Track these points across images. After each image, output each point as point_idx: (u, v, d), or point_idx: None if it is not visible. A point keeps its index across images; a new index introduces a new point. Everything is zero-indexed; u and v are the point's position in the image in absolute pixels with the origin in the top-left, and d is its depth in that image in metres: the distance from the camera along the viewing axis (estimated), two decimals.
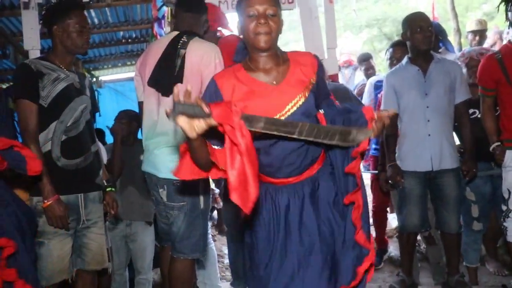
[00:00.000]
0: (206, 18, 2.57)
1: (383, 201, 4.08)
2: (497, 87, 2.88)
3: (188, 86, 1.39)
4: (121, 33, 6.60)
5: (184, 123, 1.37)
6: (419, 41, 2.93)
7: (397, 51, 3.62)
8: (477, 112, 3.15)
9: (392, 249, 4.12)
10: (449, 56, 4.18)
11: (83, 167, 2.37)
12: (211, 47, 2.40)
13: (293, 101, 1.70)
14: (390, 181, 3.16)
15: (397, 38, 16.76)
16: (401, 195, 3.11)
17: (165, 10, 3.85)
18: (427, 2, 16.38)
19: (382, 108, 3.19)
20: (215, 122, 1.38)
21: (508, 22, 2.91)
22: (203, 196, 2.43)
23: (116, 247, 3.57)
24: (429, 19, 3.05)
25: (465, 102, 3.02)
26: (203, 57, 2.33)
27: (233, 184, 1.38)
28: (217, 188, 3.53)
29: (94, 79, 7.81)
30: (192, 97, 1.37)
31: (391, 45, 3.79)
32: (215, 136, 1.53)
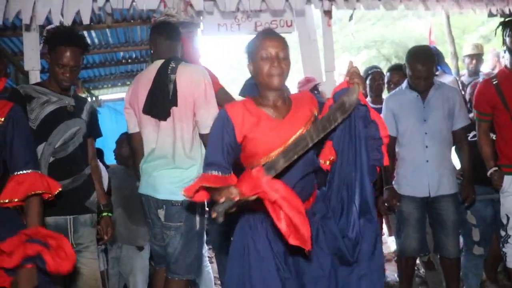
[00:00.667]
0: (182, 43, 2.67)
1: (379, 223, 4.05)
2: (494, 112, 2.90)
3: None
4: (121, 53, 6.67)
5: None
6: (416, 84, 2.96)
7: (394, 75, 3.64)
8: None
9: (389, 273, 4.08)
10: (446, 79, 4.21)
11: (70, 189, 2.36)
12: (199, 69, 2.51)
13: (296, 133, 1.80)
14: (387, 204, 3.15)
15: (395, 60, 16.89)
16: (399, 219, 3.09)
17: None
18: (424, 24, 16.60)
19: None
20: (250, 197, 1.55)
21: (505, 46, 2.93)
22: (199, 218, 2.46)
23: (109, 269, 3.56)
24: (430, 59, 2.97)
25: (464, 128, 3.03)
26: (193, 79, 2.42)
27: (286, 232, 1.54)
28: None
29: (93, 98, 7.87)
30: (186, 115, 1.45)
31: (388, 69, 3.80)
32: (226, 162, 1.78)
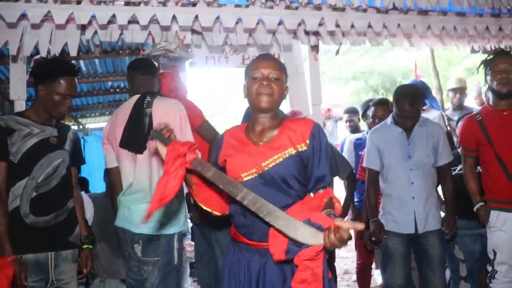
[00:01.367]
0: (158, 78, 2.75)
1: (367, 258, 4.02)
2: (478, 147, 2.93)
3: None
4: (110, 83, 6.68)
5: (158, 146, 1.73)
6: (402, 123, 3.00)
7: (379, 110, 3.68)
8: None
9: None
10: (433, 113, 4.27)
11: (53, 224, 2.32)
12: (174, 102, 2.55)
13: (267, 161, 1.78)
14: (373, 238, 3.14)
15: (382, 91, 17.14)
16: (384, 255, 3.07)
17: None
18: (410, 56, 16.94)
19: (364, 164, 3.21)
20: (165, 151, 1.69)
21: (487, 84, 2.99)
22: (177, 252, 2.44)
23: None
24: (418, 99, 3.02)
25: (448, 164, 3.06)
26: (168, 112, 2.44)
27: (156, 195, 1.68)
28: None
29: (81, 127, 7.83)
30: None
31: (373, 104, 3.84)
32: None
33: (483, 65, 2.99)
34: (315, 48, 4.06)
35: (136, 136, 2.45)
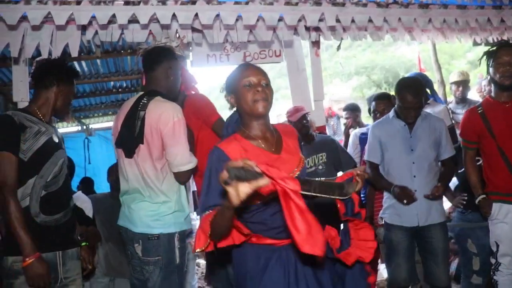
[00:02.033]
0: (166, 66, 2.56)
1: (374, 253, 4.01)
2: (480, 140, 2.93)
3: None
4: (112, 83, 6.70)
5: (233, 190, 1.38)
6: (405, 115, 3.00)
7: (380, 104, 3.67)
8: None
9: None
10: (438, 108, 4.25)
11: (62, 223, 2.33)
12: (170, 106, 2.40)
13: (296, 168, 1.85)
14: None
15: (385, 86, 17.10)
16: (388, 249, 3.08)
17: None
18: (412, 50, 16.87)
19: (366, 157, 3.22)
20: (266, 181, 1.39)
21: (489, 76, 2.98)
22: (179, 251, 2.41)
23: None
24: (420, 90, 3.01)
25: (451, 158, 3.06)
26: (161, 117, 2.34)
27: (301, 241, 1.40)
28: None
29: (84, 127, 7.87)
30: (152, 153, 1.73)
31: (374, 98, 3.83)
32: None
33: (485, 57, 2.98)
34: (316, 44, 4.06)
35: (128, 139, 2.43)
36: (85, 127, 8.08)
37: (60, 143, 2.42)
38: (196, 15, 3.08)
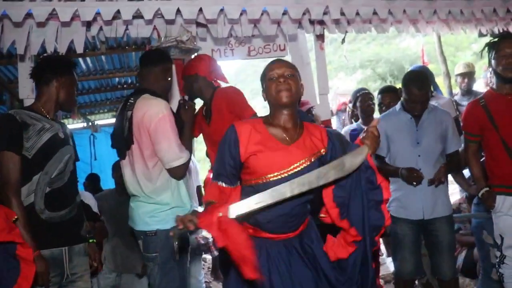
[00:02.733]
0: (167, 67, 2.60)
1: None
2: (482, 132, 2.92)
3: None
4: (117, 79, 6.71)
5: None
6: (412, 108, 2.99)
7: (386, 97, 3.66)
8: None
9: None
10: (442, 100, 4.24)
11: (68, 219, 2.33)
12: (155, 102, 2.40)
13: (298, 162, 1.88)
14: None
15: (390, 79, 16.99)
16: (394, 242, 3.08)
17: None
18: (418, 42, 16.78)
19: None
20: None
21: (491, 68, 2.96)
22: (178, 247, 2.39)
23: None
24: (427, 83, 3.00)
25: (457, 151, 3.05)
26: (145, 114, 2.35)
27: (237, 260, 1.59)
28: (211, 237, 3.50)
29: (90, 123, 7.89)
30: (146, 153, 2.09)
31: (380, 91, 3.83)
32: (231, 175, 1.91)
33: (487, 48, 2.95)
34: (320, 37, 4.05)
35: (119, 141, 2.48)
36: (90, 123, 8.10)
37: (67, 139, 2.42)
38: (201, 9, 3.08)
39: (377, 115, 3.89)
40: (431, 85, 3.15)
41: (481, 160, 3.02)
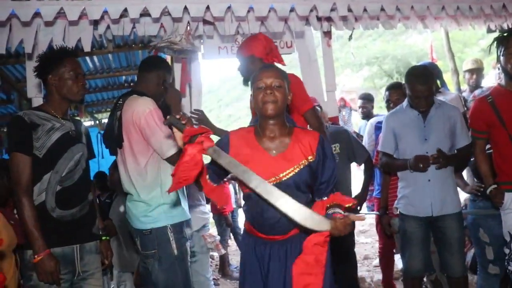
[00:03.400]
0: (160, 74, 2.59)
1: (389, 242, 4.01)
2: (490, 129, 2.89)
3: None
4: (124, 77, 6.73)
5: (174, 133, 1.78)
6: (417, 104, 2.96)
7: (393, 94, 3.64)
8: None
9: None
10: (450, 96, 4.21)
11: (79, 217, 2.34)
12: (141, 101, 2.43)
13: (284, 172, 1.93)
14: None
15: (397, 76, 16.94)
16: (403, 239, 3.07)
17: (166, 57, 3.93)
18: (424, 39, 16.69)
19: (380, 148, 3.19)
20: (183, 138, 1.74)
21: (499, 64, 2.93)
22: (176, 243, 2.42)
23: None
24: (429, 78, 2.96)
25: (467, 146, 3.02)
26: (133, 112, 2.38)
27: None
28: (218, 235, 3.51)
29: (97, 122, 7.94)
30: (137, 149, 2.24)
31: (387, 88, 3.81)
32: (216, 174, 1.98)
33: (495, 43, 2.92)
34: (327, 34, 4.03)
35: (111, 140, 2.53)
36: (97, 121, 8.15)
37: (79, 137, 2.43)
38: (208, 7, 3.08)
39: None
40: (435, 80, 3.11)
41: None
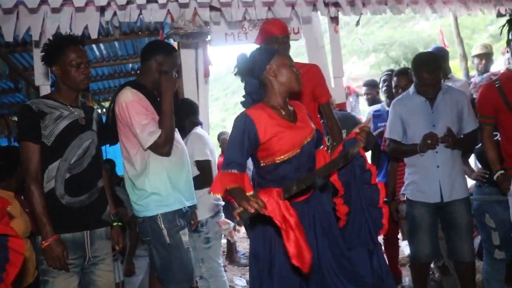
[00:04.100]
0: (159, 58, 2.53)
1: (393, 229, 4.02)
2: (497, 114, 2.87)
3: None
4: (130, 65, 6.73)
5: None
6: (424, 91, 2.93)
7: (401, 79, 3.60)
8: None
9: (406, 280, 4.04)
10: (458, 83, 4.17)
11: (88, 204, 2.37)
12: (123, 92, 2.44)
13: (308, 135, 2.17)
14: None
15: (404, 62, 16.78)
16: (411, 225, 3.06)
17: (172, 43, 3.92)
18: (432, 25, 16.52)
19: (387, 135, 3.17)
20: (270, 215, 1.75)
21: (509, 47, 2.90)
22: (168, 231, 2.44)
23: None
24: (436, 66, 2.92)
25: (474, 131, 3.00)
26: (118, 104, 2.42)
27: (292, 252, 1.72)
28: (232, 222, 3.52)
29: (104, 110, 7.96)
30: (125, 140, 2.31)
31: (395, 73, 3.76)
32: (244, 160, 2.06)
33: (507, 25, 2.88)
34: (335, 20, 4.01)
35: (107, 131, 2.57)
36: (104, 109, 8.16)
37: (89, 125, 2.43)
38: None
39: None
40: (442, 67, 3.07)
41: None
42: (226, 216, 3.55)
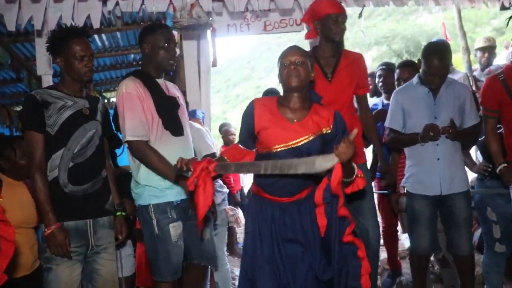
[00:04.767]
0: (150, 40, 2.50)
1: (392, 221, 4.03)
2: (501, 107, 2.87)
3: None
4: (132, 55, 6.70)
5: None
6: (430, 80, 2.93)
7: (404, 72, 3.59)
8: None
9: (405, 272, 4.06)
10: (458, 74, 4.17)
11: (90, 192, 2.40)
12: (121, 83, 2.47)
13: (298, 139, 2.18)
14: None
15: (406, 55, 16.72)
16: (410, 218, 3.07)
17: (174, 34, 3.91)
18: (435, 19, 16.44)
19: (387, 124, 3.16)
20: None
21: None
22: (158, 222, 2.44)
23: None
24: (447, 56, 2.95)
25: (475, 125, 3.00)
26: (118, 91, 2.47)
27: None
28: (239, 208, 3.53)
29: (105, 100, 7.96)
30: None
31: (398, 65, 3.75)
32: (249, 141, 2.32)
33: None
34: None
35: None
36: (106, 100, 8.16)
37: (93, 115, 2.45)
38: None
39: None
40: (451, 58, 3.08)
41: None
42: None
